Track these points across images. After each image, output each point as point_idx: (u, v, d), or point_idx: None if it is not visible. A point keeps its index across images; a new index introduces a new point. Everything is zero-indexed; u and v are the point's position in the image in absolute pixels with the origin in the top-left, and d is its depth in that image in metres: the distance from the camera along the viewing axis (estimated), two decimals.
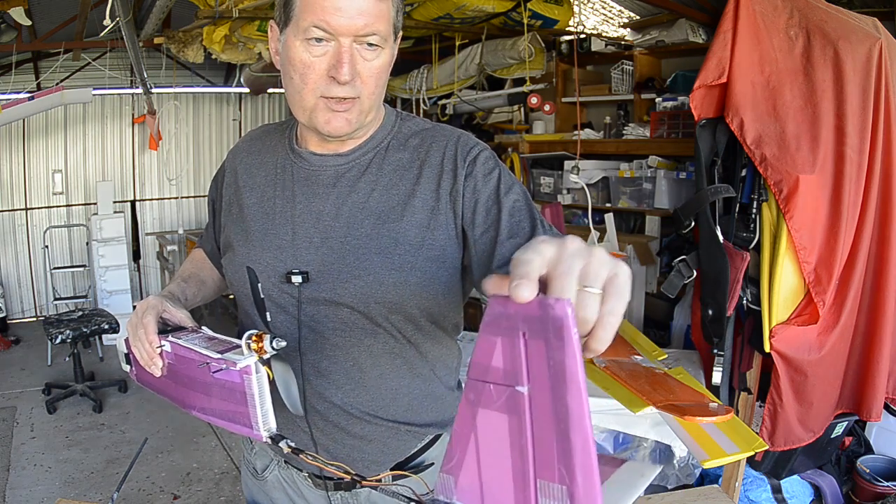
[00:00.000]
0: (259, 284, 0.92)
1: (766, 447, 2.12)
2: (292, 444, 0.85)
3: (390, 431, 1.05)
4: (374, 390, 1.03)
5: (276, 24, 0.95)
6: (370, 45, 0.90)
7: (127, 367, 1.09)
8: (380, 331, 1.01)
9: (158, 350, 0.96)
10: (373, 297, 0.98)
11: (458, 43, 4.31)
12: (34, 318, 6.09)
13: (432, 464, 1.12)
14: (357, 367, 1.02)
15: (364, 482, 0.79)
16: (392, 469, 1.07)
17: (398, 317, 1.00)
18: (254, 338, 0.86)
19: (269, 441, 0.87)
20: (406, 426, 1.06)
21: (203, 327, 1.01)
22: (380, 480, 0.82)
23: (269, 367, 0.88)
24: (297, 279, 0.99)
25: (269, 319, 0.93)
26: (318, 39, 0.88)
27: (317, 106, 0.93)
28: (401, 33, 0.97)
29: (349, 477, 0.80)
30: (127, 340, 1.03)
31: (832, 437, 2.57)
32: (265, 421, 0.86)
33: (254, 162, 1.11)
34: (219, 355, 0.88)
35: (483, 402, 0.50)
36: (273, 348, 0.85)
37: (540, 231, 0.93)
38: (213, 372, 0.88)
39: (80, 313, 4.45)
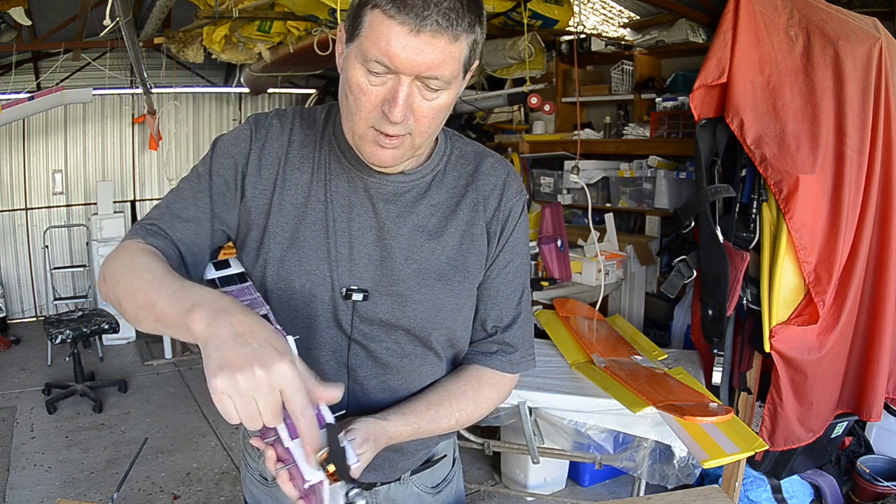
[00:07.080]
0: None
1: (766, 447, 2.12)
2: None
3: (423, 443, 1.06)
4: None
5: (345, 30, 0.86)
6: (431, 88, 0.83)
7: None
8: (429, 353, 1.02)
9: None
10: (430, 323, 0.98)
11: None
12: (34, 318, 6.08)
13: (444, 455, 1.17)
14: (404, 388, 1.02)
15: None
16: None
17: (445, 340, 1.02)
18: (329, 471, 0.71)
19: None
20: (436, 437, 1.08)
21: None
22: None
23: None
24: (357, 297, 0.95)
25: (353, 475, 0.74)
26: (378, 73, 0.82)
27: (366, 135, 0.87)
28: (475, 64, 0.88)
29: None
30: None
31: (832, 437, 2.57)
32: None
33: (295, 154, 0.98)
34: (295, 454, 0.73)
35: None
36: (348, 499, 0.72)
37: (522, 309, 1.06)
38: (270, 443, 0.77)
39: (80, 313, 4.44)
